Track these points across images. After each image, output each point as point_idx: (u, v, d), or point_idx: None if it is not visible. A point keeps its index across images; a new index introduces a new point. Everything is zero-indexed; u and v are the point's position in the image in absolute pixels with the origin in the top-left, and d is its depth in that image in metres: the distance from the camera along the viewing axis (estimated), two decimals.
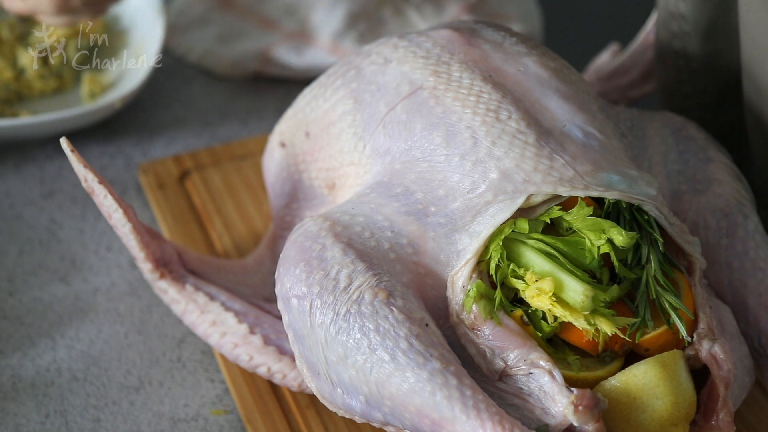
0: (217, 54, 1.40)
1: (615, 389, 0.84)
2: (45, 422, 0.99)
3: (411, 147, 0.93)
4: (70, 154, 0.95)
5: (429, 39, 0.99)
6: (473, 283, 0.86)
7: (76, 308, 1.09)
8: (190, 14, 1.45)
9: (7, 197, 1.21)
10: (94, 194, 0.97)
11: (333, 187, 1.01)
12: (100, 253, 1.15)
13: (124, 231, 0.98)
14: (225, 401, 1.02)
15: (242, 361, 0.98)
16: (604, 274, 0.88)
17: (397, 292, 0.86)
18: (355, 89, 0.99)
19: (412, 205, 0.91)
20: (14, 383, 1.02)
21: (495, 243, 0.87)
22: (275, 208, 1.07)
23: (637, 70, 1.22)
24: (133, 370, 1.04)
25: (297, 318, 0.88)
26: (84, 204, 1.20)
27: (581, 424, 0.81)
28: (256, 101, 1.36)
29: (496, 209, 0.88)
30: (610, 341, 0.86)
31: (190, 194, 1.20)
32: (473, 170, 0.90)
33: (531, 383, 0.84)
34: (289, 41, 1.41)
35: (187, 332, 1.07)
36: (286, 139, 1.05)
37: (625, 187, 0.89)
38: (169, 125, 1.32)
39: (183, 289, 1.00)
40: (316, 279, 0.87)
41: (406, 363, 0.83)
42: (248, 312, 1.00)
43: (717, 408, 0.86)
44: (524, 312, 0.86)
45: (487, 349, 0.85)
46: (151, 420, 1.00)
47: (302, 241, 0.90)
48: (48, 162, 1.25)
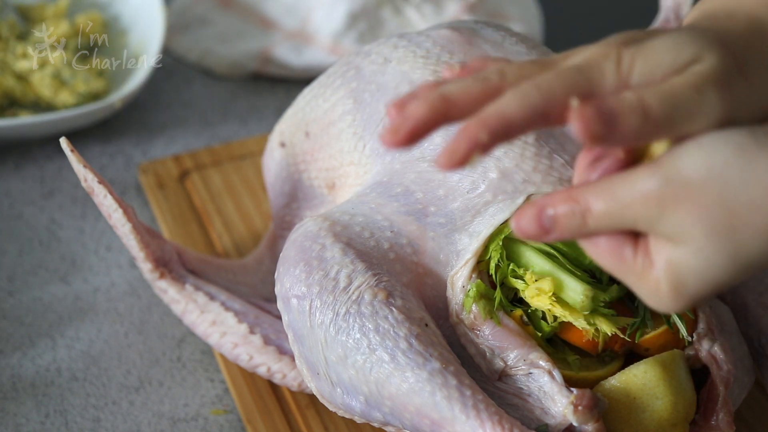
0: (217, 54, 1.40)
1: (615, 389, 0.84)
2: (45, 422, 0.99)
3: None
4: (70, 154, 0.95)
5: (429, 39, 0.99)
6: (473, 283, 0.86)
7: (76, 308, 1.09)
8: (190, 14, 1.45)
9: (7, 197, 1.21)
10: (94, 194, 0.97)
11: (333, 187, 1.01)
12: (100, 253, 1.15)
13: (124, 231, 0.98)
14: (225, 401, 1.02)
15: (242, 361, 0.98)
16: (604, 274, 0.88)
17: (397, 292, 0.86)
18: (355, 89, 0.99)
19: (412, 205, 0.91)
20: (14, 383, 1.02)
21: (495, 243, 0.87)
22: (275, 208, 1.07)
23: None
24: (133, 370, 1.04)
25: (297, 318, 0.88)
26: (84, 204, 1.20)
27: (581, 424, 0.81)
28: (256, 101, 1.36)
29: (495, 209, 0.88)
30: (610, 341, 0.86)
31: (190, 194, 1.20)
32: (473, 170, 0.90)
33: (531, 383, 0.84)
34: (289, 41, 1.41)
35: (187, 332, 1.07)
36: (286, 139, 1.05)
37: None
38: (169, 125, 1.32)
39: (183, 288, 1.00)
40: (315, 279, 0.87)
41: (405, 363, 0.83)
42: (248, 312, 1.00)
43: (717, 408, 0.86)
44: (524, 312, 0.86)
45: (486, 349, 0.85)
46: (151, 420, 1.00)
47: (302, 241, 0.90)
48: (48, 162, 1.25)
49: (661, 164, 0.66)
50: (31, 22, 1.35)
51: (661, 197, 0.65)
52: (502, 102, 0.65)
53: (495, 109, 0.65)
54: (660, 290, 0.68)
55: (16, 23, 1.33)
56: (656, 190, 0.65)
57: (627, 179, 0.67)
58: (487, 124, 0.65)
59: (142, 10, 1.36)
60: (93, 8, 1.39)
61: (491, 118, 0.65)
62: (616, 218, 0.67)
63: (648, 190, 0.66)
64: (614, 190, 0.67)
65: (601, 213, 0.67)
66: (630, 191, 0.66)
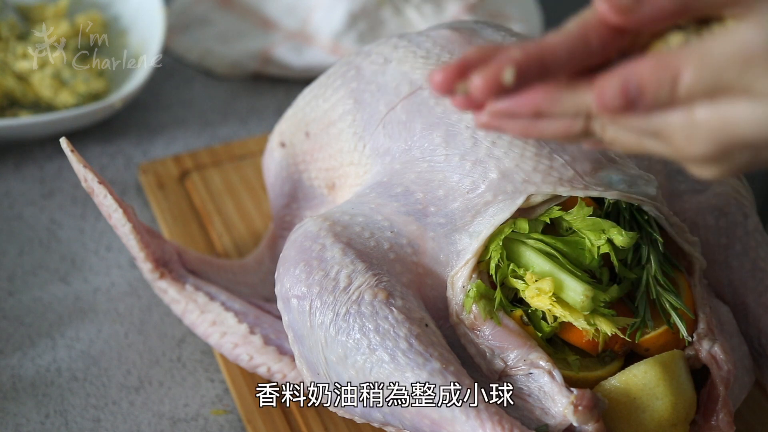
0: (217, 54, 1.40)
1: (615, 389, 0.84)
2: (45, 422, 0.99)
3: (411, 147, 0.93)
4: (70, 154, 0.95)
5: (429, 39, 0.99)
6: (473, 283, 0.86)
7: (76, 308, 1.09)
8: (190, 14, 1.45)
9: (7, 197, 1.21)
10: (94, 194, 0.97)
11: (333, 187, 1.01)
12: (100, 253, 1.15)
13: (124, 231, 0.98)
14: (225, 401, 1.02)
15: (242, 361, 0.98)
16: (604, 274, 0.88)
17: (397, 293, 0.86)
18: (355, 89, 0.99)
19: (412, 205, 0.91)
20: (14, 383, 1.02)
21: (495, 243, 0.87)
22: (275, 208, 1.07)
23: None
24: (133, 370, 1.04)
25: (297, 318, 0.88)
26: (84, 204, 1.20)
27: (581, 424, 0.81)
28: (256, 101, 1.36)
29: (495, 209, 0.88)
30: (610, 341, 0.86)
31: (190, 194, 1.20)
32: (473, 170, 0.90)
33: (531, 383, 0.84)
34: (289, 41, 1.41)
35: (187, 332, 1.07)
36: (286, 139, 1.05)
37: (624, 187, 0.89)
38: (169, 125, 1.32)
39: (183, 289, 1.00)
40: (315, 279, 0.87)
41: (405, 363, 0.83)
42: (248, 312, 1.00)
43: (717, 408, 0.86)
44: (524, 312, 0.86)
45: (486, 349, 0.85)
46: (151, 420, 1.00)
47: (302, 241, 0.90)
48: (48, 162, 1.25)
49: (761, 21, 0.61)
50: (31, 22, 1.35)
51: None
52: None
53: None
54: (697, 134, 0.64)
55: (16, 23, 1.33)
56: (764, 48, 0.60)
57: (723, 39, 0.61)
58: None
59: (142, 10, 1.36)
60: (93, 8, 1.39)
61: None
62: (709, 82, 0.62)
63: (755, 48, 0.60)
64: (709, 49, 0.61)
65: (695, 78, 0.62)
66: (731, 51, 0.61)
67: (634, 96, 0.63)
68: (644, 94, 0.63)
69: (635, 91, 0.63)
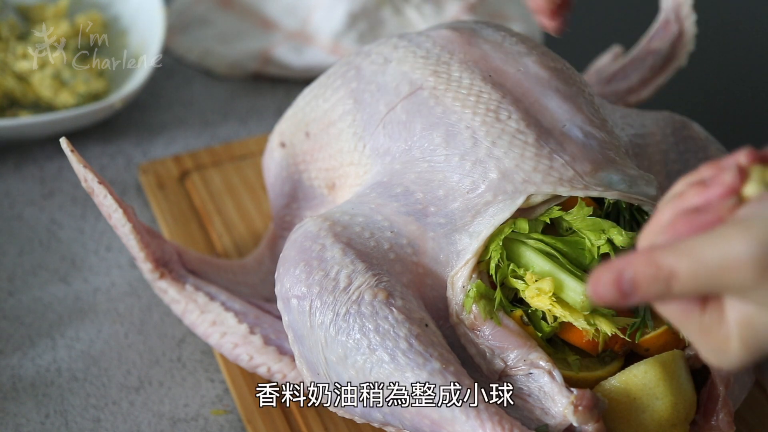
0: (217, 54, 1.40)
1: (615, 389, 0.84)
2: (45, 422, 0.99)
3: (411, 147, 0.93)
4: (70, 154, 0.95)
5: (429, 39, 0.99)
6: (473, 283, 0.86)
7: (76, 308, 1.09)
8: (190, 14, 1.45)
9: (7, 197, 1.21)
10: (94, 194, 0.97)
11: (333, 187, 1.01)
12: (100, 253, 1.15)
13: (124, 231, 0.98)
14: (225, 401, 1.02)
15: (242, 361, 0.98)
16: None
17: (397, 293, 0.86)
18: (355, 89, 0.99)
19: (412, 205, 0.91)
20: (14, 383, 1.02)
21: (495, 243, 0.87)
22: (275, 208, 1.07)
23: (636, 76, 1.22)
24: (133, 370, 1.04)
25: (297, 318, 0.88)
26: (84, 204, 1.20)
27: (581, 424, 0.81)
28: (256, 101, 1.36)
29: (495, 209, 0.88)
30: (610, 341, 0.86)
31: (190, 194, 1.20)
32: (473, 170, 0.90)
33: (531, 383, 0.84)
34: (289, 41, 1.41)
35: (187, 332, 1.07)
36: (286, 139, 1.05)
37: (624, 187, 0.89)
38: (169, 125, 1.32)
39: (183, 289, 1.00)
40: (315, 279, 0.87)
41: (405, 363, 0.83)
42: (248, 312, 1.00)
43: (717, 408, 0.86)
44: (524, 312, 0.86)
45: (486, 349, 0.85)
46: (151, 420, 1.00)
47: (302, 242, 0.90)
48: (48, 162, 1.25)
49: (751, 226, 0.61)
50: (31, 22, 1.35)
51: (757, 264, 0.60)
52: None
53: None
54: (729, 347, 0.64)
55: (16, 23, 1.33)
56: (752, 257, 0.60)
57: (715, 241, 0.61)
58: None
59: (142, 10, 1.36)
60: (93, 8, 1.39)
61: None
62: (703, 283, 0.62)
63: (743, 256, 0.60)
64: (701, 253, 0.62)
65: (688, 279, 0.62)
66: (720, 256, 0.61)
67: (628, 290, 0.64)
68: (638, 289, 0.64)
69: (629, 285, 0.64)
